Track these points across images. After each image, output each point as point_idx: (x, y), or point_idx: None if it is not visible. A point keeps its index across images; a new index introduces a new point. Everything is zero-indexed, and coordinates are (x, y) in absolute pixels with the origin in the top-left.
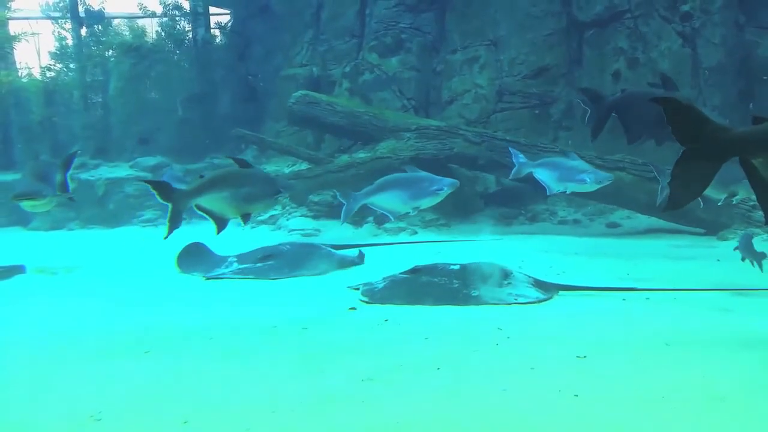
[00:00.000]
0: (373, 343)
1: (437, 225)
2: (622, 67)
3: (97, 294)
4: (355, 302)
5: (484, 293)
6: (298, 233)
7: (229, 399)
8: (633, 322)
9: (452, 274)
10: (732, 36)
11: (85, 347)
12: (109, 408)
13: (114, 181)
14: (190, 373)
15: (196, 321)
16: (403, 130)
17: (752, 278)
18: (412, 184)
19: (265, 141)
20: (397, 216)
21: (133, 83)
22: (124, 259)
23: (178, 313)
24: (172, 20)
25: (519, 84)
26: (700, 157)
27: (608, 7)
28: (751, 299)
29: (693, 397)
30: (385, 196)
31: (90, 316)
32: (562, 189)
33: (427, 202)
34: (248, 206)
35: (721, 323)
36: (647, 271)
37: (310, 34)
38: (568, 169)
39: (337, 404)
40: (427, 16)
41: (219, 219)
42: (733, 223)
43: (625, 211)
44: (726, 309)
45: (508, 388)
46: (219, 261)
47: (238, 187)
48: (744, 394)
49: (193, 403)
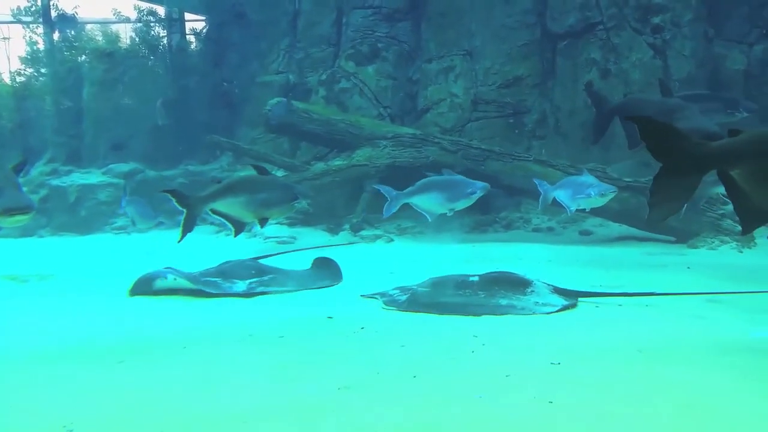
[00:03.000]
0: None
1: (413, 232)
2: (594, 77)
3: (70, 302)
4: (379, 310)
5: (513, 303)
6: (273, 241)
7: (205, 408)
8: (605, 328)
9: (475, 285)
10: (702, 48)
11: (58, 356)
12: (81, 420)
13: (86, 188)
14: (164, 383)
15: (171, 330)
16: (379, 138)
17: (722, 285)
18: (449, 187)
19: (240, 148)
20: (434, 216)
21: (107, 89)
22: (97, 266)
23: (151, 323)
24: (147, 26)
25: (494, 93)
26: (678, 172)
27: (581, 19)
28: (723, 306)
29: (664, 404)
30: (425, 197)
31: (63, 324)
32: (577, 206)
33: (462, 204)
34: (265, 211)
35: (695, 330)
36: (621, 278)
37: (287, 41)
38: (577, 186)
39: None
40: (404, 26)
41: (236, 223)
42: (703, 231)
43: (598, 219)
44: (699, 316)
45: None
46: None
47: (254, 192)
48: (716, 401)
49: (168, 413)
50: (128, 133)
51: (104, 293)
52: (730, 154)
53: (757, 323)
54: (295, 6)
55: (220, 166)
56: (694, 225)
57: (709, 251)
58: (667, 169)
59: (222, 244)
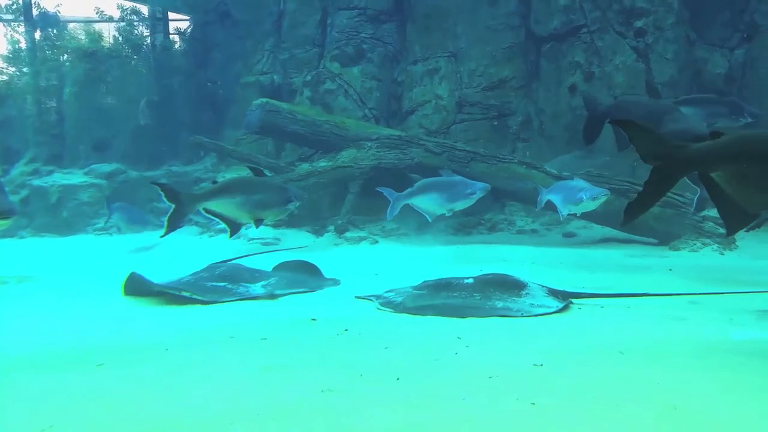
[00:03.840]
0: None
1: (397, 234)
2: (578, 80)
3: (50, 304)
4: (375, 311)
5: (509, 305)
6: (257, 242)
7: (185, 411)
8: (588, 330)
9: (470, 287)
10: (684, 52)
11: (35, 359)
12: (60, 423)
13: (68, 188)
14: (144, 386)
15: (152, 333)
16: (364, 139)
17: (704, 287)
18: (449, 188)
19: (224, 149)
20: (434, 217)
21: (89, 88)
22: (78, 268)
23: (132, 325)
24: (130, 25)
25: (478, 95)
26: (663, 174)
27: (565, 22)
28: (705, 307)
29: (646, 405)
30: (424, 197)
31: (41, 327)
32: (569, 211)
33: (461, 205)
34: (260, 212)
35: (677, 331)
36: (604, 280)
37: (271, 42)
38: (569, 190)
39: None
40: (389, 27)
41: (231, 223)
42: (685, 233)
43: (581, 221)
44: (681, 317)
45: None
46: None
47: (249, 193)
48: (696, 402)
49: (146, 417)
50: (110, 133)
51: (85, 295)
52: (711, 156)
53: (739, 325)
54: (279, 6)
55: (204, 166)
56: (675, 227)
57: (691, 253)
58: (657, 171)
59: (205, 245)
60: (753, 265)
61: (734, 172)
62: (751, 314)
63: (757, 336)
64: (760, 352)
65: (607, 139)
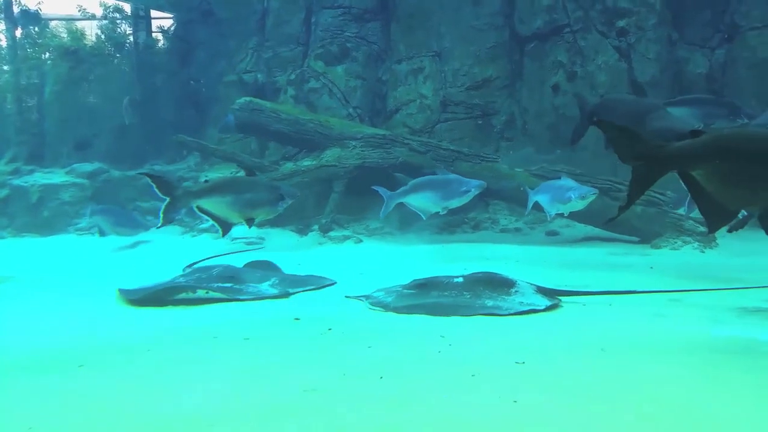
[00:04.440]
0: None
1: (382, 233)
2: (561, 79)
3: (31, 305)
4: (366, 311)
5: (498, 303)
6: (241, 241)
7: (166, 411)
8: (569, 327)
9: (460, 286)
10: (665, 52)
11: (16, 360)
12: (41, 423)
13: (49, 188)
14: (123, 387)
15: (135, 333)
16: (348, 138)
17: (685, 284)
18: (443, 186)
19: (207, 148)
20: (429, 215)
21: (71, 87)
22: (60, 268)
23: (114, 326)
24: (113, 23)
25: (462, 95)
26: (643, 173)
27: (548, 21)
28: (685, 305)
29: (627, 401)
30: (418, 196)
31: (22, 327)
32: (557, 211)
33: (456, 202)
34: (251, 212)
35: (657, 329)
36: (587, 278)
37: (255, 40)
38: (557, 190)
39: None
40: (373, 26)
41: (222, 222)
42: (666, 231)
43: (564, 220)
44: (661, 314)
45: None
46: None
47: (240, 192)
48: (676, 398)
49: (124, 418)
50: (92, 132)
51: (68, 295)
52: (691, 155)
53: (719, 322)
54: (263, 4)
55: (187, 165)
56: (656, 226)
57: (672, 251)
58: (638, 171)
59: (188, 245)
60: (733, 262)
61: (714, 170)
62: (732, 311)
63: (737, 333)
64: (740, 348)
65: (589, 136)
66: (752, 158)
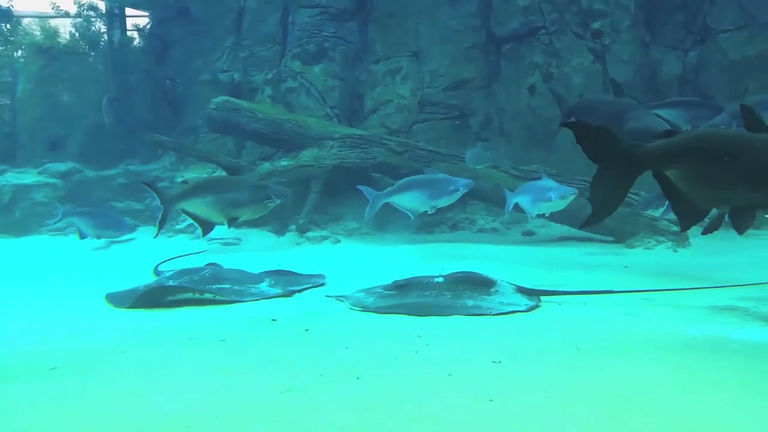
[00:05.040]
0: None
1: (360, 234)
2: (537, 80)
3: (4, 306)
4: (347, 311)
5: (479, 303)
6: (217, 242)
7: (141, 413)
8: (544, 327)
9: (440, 286)
10: (639, 54)
11: None
12: (10, 428)
13: (21, 188)
14: (96, 389)
15: (109, 334)
16: (326, 138)
17: (658, 283)
18: (431, 185)
19: (183, 147)
20: (417, 215)
21: (44, 85)
22: (32, 269)
23: (86, 326)
24: (87, 21)
25: (440, 95)
26: (613, 173)
27: (524, 23)
28: (658, 304)
29: (600, 399)
30: (406, 195)
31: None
32: (538, 211)
33: (444, 202)
34: (234, 211)
35: (631, 328)
36: (563, 278)
37: (231, 39)
38: (538, 190)
39: None
40: (350, 26)
41: (203, 222)
42: (640, 231)
43: (540, 220)
44: (635, 314)
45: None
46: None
47: (221, 192)
48: (649, 395)
49: (98, 420)
50: (66, 131)
51: (39, 296)
52: (665, 155)
53: (691, 320)
54: (239, 3)
55: (162, 165)
56: (630, 225)
57: (646, 251)
58: (602, 170)
59: (162, 246)
60: (705, 261)
61: (687, 169)
62: (703, 310)
63: (708, 331)
64: (711, 347)
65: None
66: (723, 157)
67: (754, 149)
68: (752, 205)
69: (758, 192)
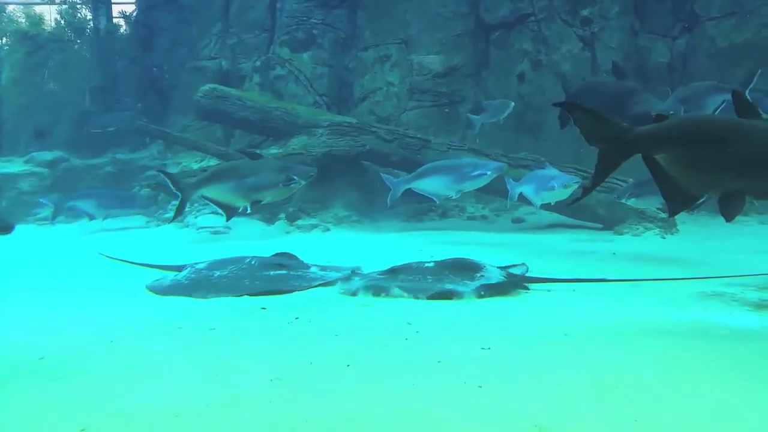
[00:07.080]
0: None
1: (350, 222)
2: (526, 68)
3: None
4: (336, 296)
5: (460, 288)
6: (207, 231)
7: (131, 402)
8: (534, 313)
9: (428, 271)
10: (628, 41)
11: None
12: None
13: (7, 177)
14: (84, 379)
15: (99, 324)
16: (315, 126)
17: (645, 270)
18: (454, 170)
19: (170, 135)
20: (442, 199)
21: (29, 73)
22: (19, 259)
23: (76, 316)
24: (72, 8)
25: (429, 83)
26: (609, 156)
27: (513, 10)
28: (646, 291)
29: (589, 385)
30: (428, 181)
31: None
32: (542, 200)
33: (470, 186)
34: (256, 195)
35: (619, 314)
36: (551, 265)
37: (219, 26)
38: (540, 179)
39: None
40: (339, 13)
41: (226, 207)
42: (628, 218)
43: (530, 207)
44: (623, 300)
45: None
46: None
47: (241, 177)
48: (636, 382)
49: (86, 410)
50: (52, 119)
51: (28, 287)
52: (655, 138)
53: (678, 307)
54: None
55: (150, 154)
56: (618, 213)
57: (634, 237)
58: (604, 153)
59: (151, 235)
60: (693, 248)
61: (677, 154)
62: (691, 296)
63: (695, 317)
64: (698, 332)
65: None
66: (714, 143)
67: (744, 135)
68: (741, 191)
69: (747, 178)
